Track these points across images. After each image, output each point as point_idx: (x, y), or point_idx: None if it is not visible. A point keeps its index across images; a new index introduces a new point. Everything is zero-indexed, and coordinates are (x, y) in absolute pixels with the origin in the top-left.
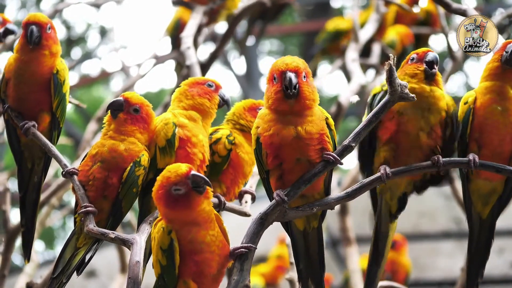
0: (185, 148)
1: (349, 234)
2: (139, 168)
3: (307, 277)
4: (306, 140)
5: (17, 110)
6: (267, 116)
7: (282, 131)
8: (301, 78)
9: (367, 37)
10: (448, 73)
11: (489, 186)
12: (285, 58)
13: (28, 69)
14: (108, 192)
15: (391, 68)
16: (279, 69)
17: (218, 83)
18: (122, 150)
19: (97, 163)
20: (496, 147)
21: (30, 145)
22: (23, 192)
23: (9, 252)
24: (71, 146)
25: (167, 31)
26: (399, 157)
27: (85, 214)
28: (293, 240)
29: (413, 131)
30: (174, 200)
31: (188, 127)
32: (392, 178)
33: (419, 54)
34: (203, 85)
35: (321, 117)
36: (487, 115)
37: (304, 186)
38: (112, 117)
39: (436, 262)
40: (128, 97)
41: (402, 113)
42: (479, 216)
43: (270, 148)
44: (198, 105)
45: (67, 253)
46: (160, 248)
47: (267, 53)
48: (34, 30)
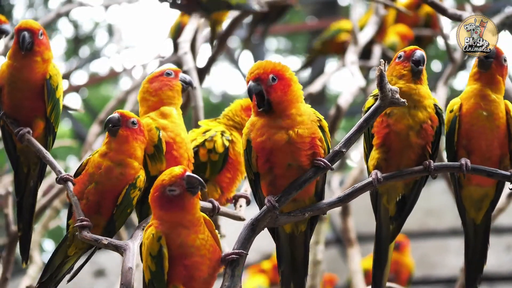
0: (171, 152)
1: (350, 234)
2: (134, 190)
3: (289, 280)
4: (297, 144)
5: (12, 117)
6: (258, 122)
7: (273, 136)
8: (267, 83)
9: (367, 40)
10: (447, 75)
11: (480, 192)
12: (254, 65)
13: (21, 76)
14: (102, 210)
15: (382, 73)
16: (246, 79)
17: (176, 68)
18: (117, 174)
19: (92, 183)
20: (484, 153)
21: (25, 151)
22: (20, 197)
23: (11, 255)
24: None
25: (169, 34)
26: (391, 159)
27: (80, 228)
28: (278, 242)
29: (403, 130)
30: (169, 201)
31: (169, 127)
32: (384, 183)
33: (406, 52)
34: (161, 76)
35: (312, 118)
36: (473, 121)
37: (295, 192)
38: (111, 136)
39: (444, 259)
40: (123, 112)
41: (389, 113)
42: (473, 221)
43: (262, 152)
44: (165, 99)
45: (56, 260)
46: (150, 254)
47: (275, 51)
48: (26, 36)
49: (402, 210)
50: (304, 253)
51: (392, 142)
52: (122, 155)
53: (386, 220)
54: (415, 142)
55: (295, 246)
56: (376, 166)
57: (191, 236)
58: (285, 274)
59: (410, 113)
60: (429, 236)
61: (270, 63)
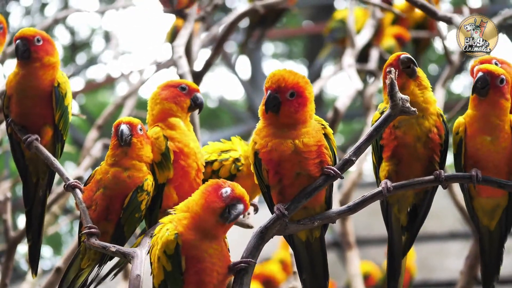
0: (179, 161)
1: (349, 238)
2: (141, 193)
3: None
4: (304, 154)
5: (21, 124)
6: (263, 131)
7: (280, 146)
8: (285, 97)
9: (364, 43)
10: (445, 78)
11: (492, 203)
12: (276, 73)
13: (28, 83)
14: (111, 216)
15: (392, 82)
16: (265, 85)
17: (194, 86)
18: (125, 177)
19: (100, 189)
20: (492, 171)
21: (34, 159)
22: (29, 207)
23: (10, 261)
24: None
25: (166, 38)
26: (402, 171)
27: (88, 235)
28: (295, 250)
29: (411, 142)
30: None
31: (177, 138)
32: (394, 193)
33: (393, 64)
34: (175, 87)
35: (318, 128)
36: (478, 146)
37: (305, 200)
38: (126, 146)
39: (444, 263)
40: (130, 121)
41: (397, 126)
42: (487, 228)
43: (270, 164)
44: (166, 110)
45: (71, 273)
46: (165, 252)
47: (272, 56)
48: (19, 45)
49: (414, 220)
50: (322, 258)
51: (401, 154)
52: (135, 160)
53: (398, 230)
54: (423, 153)
55: (312, 254)
56: (387, 177)
57: (206, 242)
58: (307, 282)
59: (418, 122)
60: (429, 239)
61: (294, 76)
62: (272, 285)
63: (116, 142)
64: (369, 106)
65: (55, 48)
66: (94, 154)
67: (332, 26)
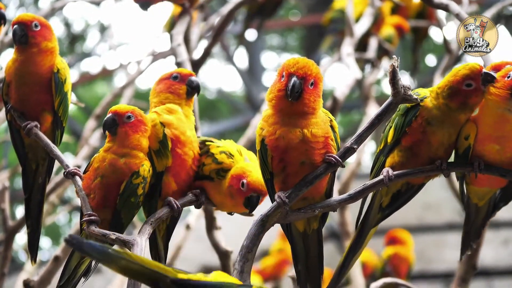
0: (175, 149)
1: (348, 228)
2: (137, 177)
3: (306, 280)
4: (311, 143)
5: (20, 111)
6: (271, 119)
7: (288, 134)
8: (307, 85)
9: (363, 31)
10: (444, 67)
11: (487, 190)
12: (300, 60)
13: (27, 69)
14: (108, 203)
15: (395, 69)
16: (288, 70)
17: (185, 71)
18: (121, 164)
19: (98, 178)
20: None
21: (34, 146)
22: (28, 194)
23: (8, 251)
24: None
25: (164, 28)
26: (407, 165)
27: (88, 222)
28: (292, 242)
29: (435, 143)
30: None
31: (174, 124)
32: (395, 181)
33: (475, 78)
34: (168, 79)
35: (325, 120)
36: (485, 152)
37: (305, 188)
38: (113, 135)
39: (442, 254)
40: (116, 110)
41: (430, 122)
42: (476, 205)
43: (276, 151)
44: (163, 101)
45: (72, 262)
46: None
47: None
48: (17, 30)
49: (395, 202)
50: (318, 251)
51: (419, 150)
52: (126, 148)
53: (376, 208)
54: (438, 156)
55: (308, 245)
56: (391, 166)
57: None
58: (302, 274)
59: (449, 131)
60: (427, 230)
61: (315, 66)
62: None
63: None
64: (368, 96)
65: (53, 34)
66: (92, 144)
67: (331, 16)
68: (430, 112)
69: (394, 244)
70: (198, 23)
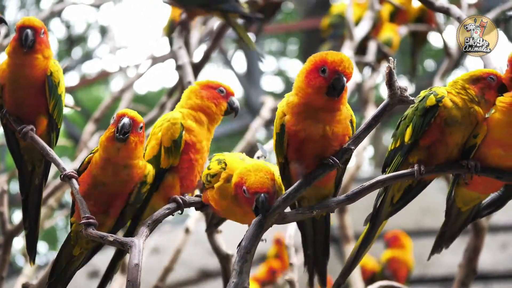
0: (189, 153)
1: (347, 231)
2: (145, 186)
3: (313, 264)
4: (330, 141)
5: (15, 114)
6: (297, 108)
7: (309, 127)
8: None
9: (362, 35)
10: (444, 71)
11: (475, 196)
12: (344, 58)
13: (22, 73)
14: (111, 210)
15: (391, 71)
16: (334, 67)
17: (231, 90)
18: (124, 176)
19: (99, 185)
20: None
21: (29, 149)
22: (25, 195)
23: (7, 254)
24: (72, 147)
25: (164, 32)
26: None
27: (86, 225)
28: (301, 226)
29: (451, 144)
30: None
31: (194, 131)
32: (426, 175)
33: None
34: (214, 89)
35: (347, 116)
36: (488, 155)
37: (303, 189)
38: (120, 142)
39: (440, 258)
40: (134, 117)
41: (449, 123)
42: (458, 209)
43: (294, 140)
44: (205, 107)
45: (62, 260)
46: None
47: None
48: (29, 34)
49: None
50: (324, 237)
51: (436, 149)
52: (129, 159)
53: (388, 202)
54: (453, 157)
55: (316, 231)
56: (418, 161)
57: None
58: (310, 258)
59: (464, 134)
60: (426, 234)
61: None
62: None
63: (112, 135)
64: (367, 100)
65: (49, 40)
66: (91, 147)
67: (330, 21)
68: (449, 112)
69: (393, 248)
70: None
